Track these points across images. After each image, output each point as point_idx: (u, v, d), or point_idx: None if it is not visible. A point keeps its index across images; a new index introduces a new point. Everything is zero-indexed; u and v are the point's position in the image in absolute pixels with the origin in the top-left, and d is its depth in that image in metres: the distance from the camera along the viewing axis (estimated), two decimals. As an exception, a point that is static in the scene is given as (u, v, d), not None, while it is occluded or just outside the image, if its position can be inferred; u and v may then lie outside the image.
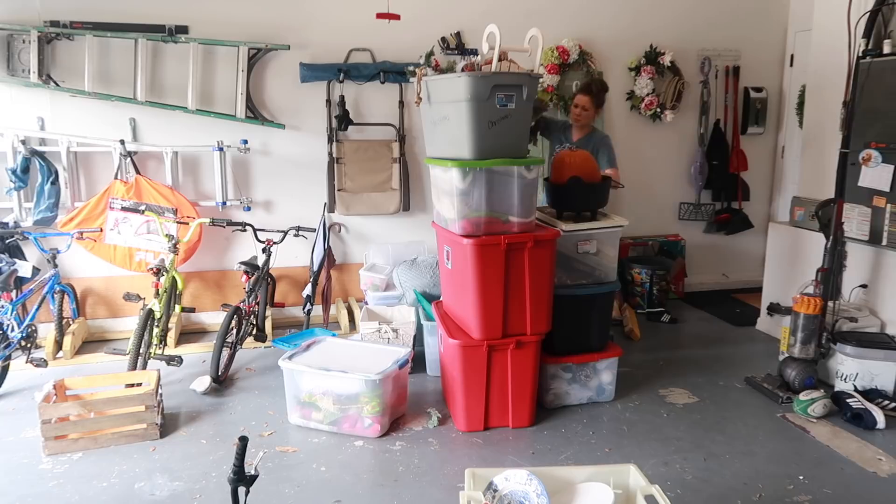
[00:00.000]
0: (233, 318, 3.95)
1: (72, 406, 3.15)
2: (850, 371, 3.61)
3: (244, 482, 1.98)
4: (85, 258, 4.63)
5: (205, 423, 3.43)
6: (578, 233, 3.49)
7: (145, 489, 2.83)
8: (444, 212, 3.38)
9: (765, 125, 5.81)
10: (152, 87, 4.60)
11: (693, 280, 5.83)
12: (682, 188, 5.80)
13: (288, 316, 5.04)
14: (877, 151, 3.78)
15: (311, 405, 3.34)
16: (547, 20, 5.08)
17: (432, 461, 3.07)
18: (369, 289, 4.59)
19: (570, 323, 3.48)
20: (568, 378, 3.57)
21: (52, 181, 4.41)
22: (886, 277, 3.86)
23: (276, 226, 4.77)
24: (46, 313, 4.42)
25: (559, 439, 3.27)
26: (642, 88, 5.41)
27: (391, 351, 3.56)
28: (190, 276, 4.82)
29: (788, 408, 3.56)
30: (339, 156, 4.95)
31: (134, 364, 3.63)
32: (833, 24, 3.96)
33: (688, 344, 4.68)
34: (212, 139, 4.67)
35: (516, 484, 2.23)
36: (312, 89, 4.89)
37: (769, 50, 5.74)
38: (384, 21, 4.41)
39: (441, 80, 3.28)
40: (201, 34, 4.62)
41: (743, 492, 2.80)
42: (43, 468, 3.00)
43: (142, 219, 4.51)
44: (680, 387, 3.86)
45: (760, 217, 5.89)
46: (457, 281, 3.38)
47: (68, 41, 4.45)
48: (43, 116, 4.51)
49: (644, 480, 2.25)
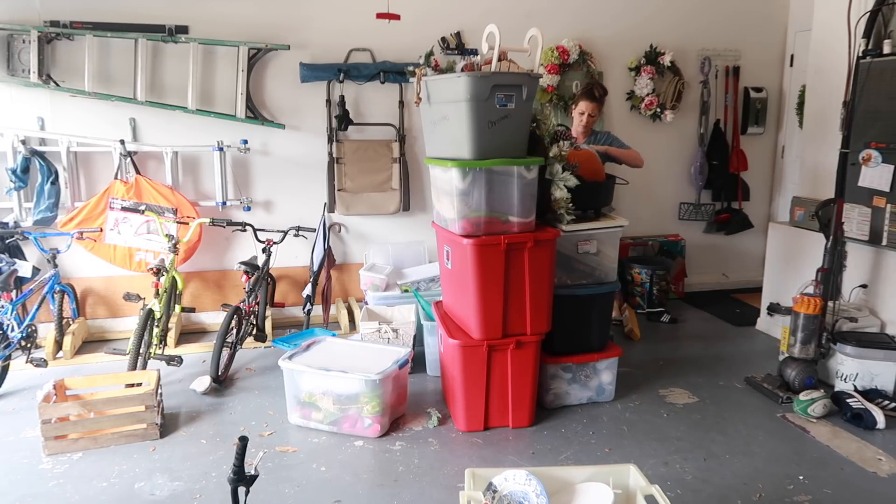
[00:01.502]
0: (233, 318, 3.95)
1: (72, 406, 3.15)
2: (850, 371, 3.61)
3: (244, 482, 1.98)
4: (85, 258, 4.63)
5: (205, 423, 3.43)
6: (578, 233, 3.49)
7: (145, 489, 2.83)
8: (444, 212, 3.38)
9: (765, 125, 5.82)
10: (152, 87, 4.60)
11: (693, 280, 5.83)
12: (682, 188, 5.81)
13: (288, 316, 5.04)
14: (877, 151, 3.78)
15: (311, 405, 3.34)
16: (547, 20, 5.08)
17: (432, 461, 3.07)
18: (369, 289, 4.59)
19: (570, 323, 3.48)
20: (568, 378, 3.57)
21: (52, 181, 4.41)
22: (886, 277, 3.86)
23: (276, 226, 4.77)
24: (46, 313, 4.42)
25: (559, 439, 3.27)
26: (642, 88, 5.41)
27: (391, 351, 3.56)
28: (190, 276, 4.82)
29: (788, 408, 3.56)
30: (339, 156, 4.95)
31: (134, 364, 3.63)
32: (833, 24, 3.96)
33: (688, 344, 4.68)
34: (212, 139, 4.68)
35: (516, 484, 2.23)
36: (312, 89, 4.89)
37: (769, 50, 5.74)
38: (384, 21, 4.41)
39: (441, 80, 3.28)
40: (201, 34, 4.62)
41: (743, 492, 2.80)
42: (43, 468, 3.00)
43: (142, 219, 4.51)
44: (680, 387, 3.86)
45: (760, 217, 5.89)
46: (457, 281, 3.38)
47: (68, 41, 4.45)
48: (43, 116, 4.52)
49: (644, 480, 2.25)
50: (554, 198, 3.38)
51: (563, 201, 3.38)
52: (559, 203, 3.38)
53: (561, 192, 3.36)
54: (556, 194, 3.38)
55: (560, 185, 3.37)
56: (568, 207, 3.39)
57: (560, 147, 3.39)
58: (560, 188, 3.37)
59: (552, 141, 3.42)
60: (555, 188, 3.38)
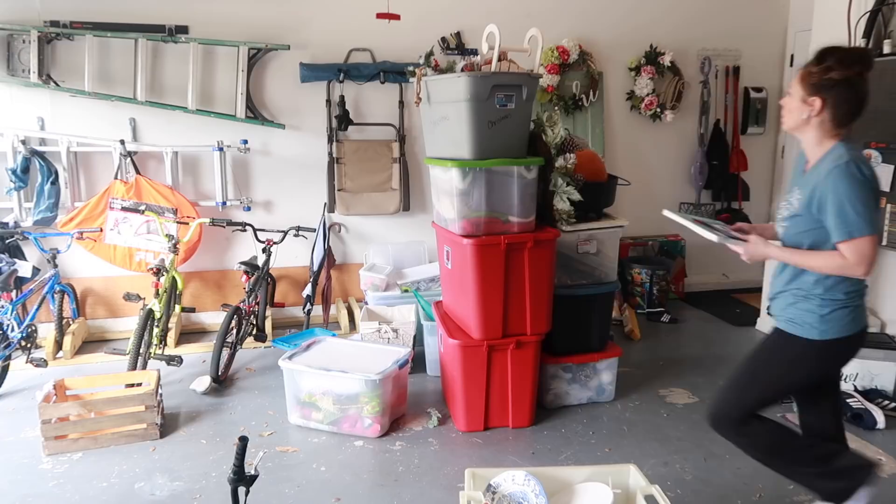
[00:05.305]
0: (233, 318, 3.95)
1: (72, 406, 3.15)
2: (850, 371, 3.61)
3: (244, 482, 1.98)
4: (85, 258, 4.63)
5: (205, 423, 3.43)
6: (578, 233, 3.49)
7: (145, 489, 2.84)
8: (444, 212, 3.38)
9: (765, 125, 5.81)
10: (152, 87, 4.60)
11: (693, 280, 5.83)
12: (682, 188, 5.80)
13: (288, 316, 5.04)
14: (877, 151, 3.78)
15: (311, 405, 3.34)
16: (547, 20, 5.08)
17: (432, 461, 3.07)
18: (369, 289, 4.59)
19: (570, 323, 3.48)
20: (568, 378, 3.57)
21: (52, 181, 4.41)
22: (886, 277, 3.86)
23: (276, 226, 4.77)
24: (46, 313, 4.42)
25: (559, 439, 3.27)
26: (642, 88, 5.41)
27: (391, 351, 3.56)
28: (190, 276, 4.82)
29: (788, 408, 3.56)
30: (339, 156, 4.95)
31: (134, 364, 3.63)
32: (833, 24, 3.96)
33: (688, 344, 4.68)
34: (212, 139, 4.67)
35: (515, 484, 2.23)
36: (312, 89, 4.89)
37: (769, 50, 5.74)
38: (384, 21, 4.41)
39: (441, 80, 3.28)
40: (201, 34, 4.62)
41: (743, 492, 2.80)
42: (43, 468, 3.00)
43: (142, 219, 4.51)
44: (680, 387, 3.86)
45: (760, 217, 5.89)
46: (456, 281, 3.38)
47: (68, 41, 4.45)
48: (43, 116, 4.52)
49: (644, 480, 2.25)
50: (556, 208, 3.39)
51: (564, 213, 3.38)
52: (560, 213, 3.39)
53: (563, 204, 3.36)
54: (558, 205, 3.38)
55: (563, 197, 3.37)
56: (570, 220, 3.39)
57: (566, 160, 3.38)
58: (563, 200, 3.37)
59: (559, 152, 3.41)
60: (557, 199, 3.38)
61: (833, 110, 2.07)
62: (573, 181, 3.39)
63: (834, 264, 2.03)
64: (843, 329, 2.12)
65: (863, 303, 2.17)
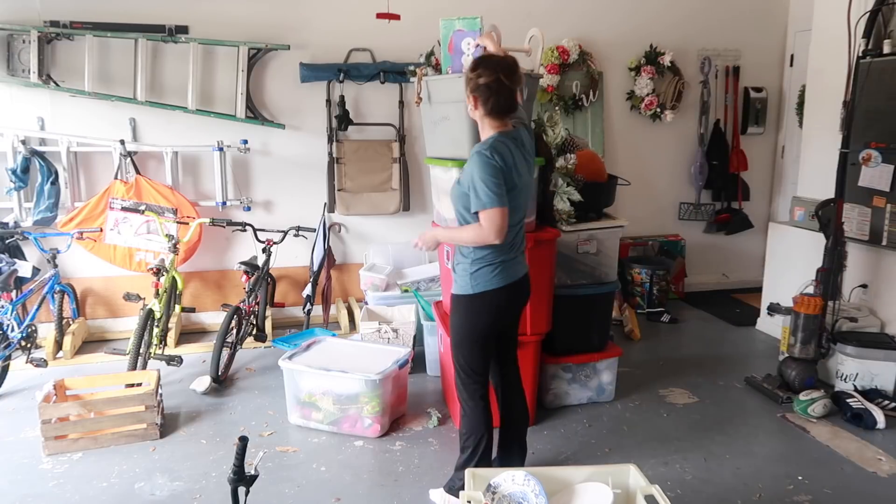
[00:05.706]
0: (233, 318, 3.95)
1: (72, 406, 3.16)
2: (850, 371, 3.61)
3: (244, 482, 1.98)
4: (85, 258, 4.63)
5: (205, 423, 3.43)
6: (578, 233, 3.49)
7: (145, 489, 2.84)
8: (444, 212, 3.37)
9: (765, 125, 5.81)
10: (152, 87, 4.60)
11: (693, 280, 5.83)
12: (682, 188, 5.80)
13: (288, 316, 5.04)
14: (877, 151, 3.78)
15: (311, 405, 3.34)
16: (547, 20, 5.07)
17: (432, 461, 3.07)
18: (369, 289, 4.59)
19: (570, 323, 3.48)
20: (568, 378, 3.57)
21: (52, 181, 4.41)
22: (886, 277, 3.86)
23: (276, 226, 4.77)
24: (46, 313, 4.42)
25: (559, 439, 3.27)
26: (642, 88, 5.41)
27: (391, 351, 3.56)
28: (190, 276, 4.82)
29: (788, 408, 3.56)
30: (339, 156, 4.95)
31: (134, 364, 3.63)
32: (833, 24, 3.96)
33: (688, 344, 4.68)
34: (212, 139, 4.67)
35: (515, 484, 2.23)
36: (312, 89, 4.89)
37: (769, 50, 5.74)
38: (384, 21, 4.41)
39: (441, 79, 3.27)
40: (201, 34, 4.62)
41: (743, 492, 2.80)
42: (43, 468, 3.00)
43: (142, 219, 4.51)
44: (680, 387, 3.86)
45: (760, 217, 5.89)
46: (457, 281, 3.37)
47: (68, 41, 4.45)
48: (43, 116, 4.51)
49: (644, 480, 2.25)
50: (556, 208, 3.38)
51: (565, 213, 3.37)
52: (560, 214, 3.38)
53: (564, 204, 3.36)
54: (558, 206, 3.37)
55: (563, 197, 3.36)
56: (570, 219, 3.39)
57: (567, 160, 3.38)
58: (563, 200, 3.36)
59: (559, 152, 3.41)
60: (558, 199, 3.37)
61: (484, 106, 2.42)
62: (573, 181, 3.39)
63: (474, 234, 2.41)
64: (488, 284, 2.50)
65: (507, 259, 2.53)
